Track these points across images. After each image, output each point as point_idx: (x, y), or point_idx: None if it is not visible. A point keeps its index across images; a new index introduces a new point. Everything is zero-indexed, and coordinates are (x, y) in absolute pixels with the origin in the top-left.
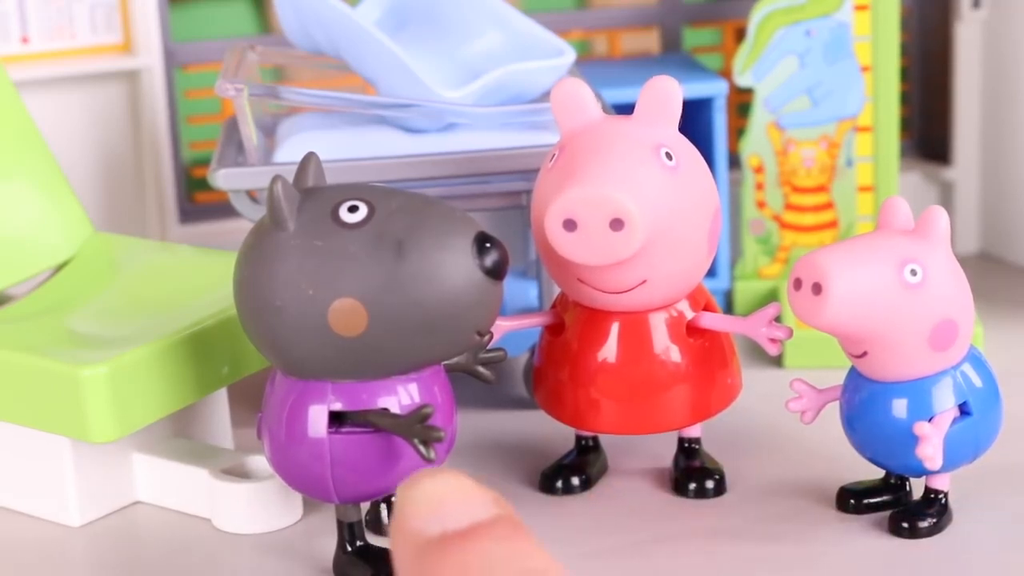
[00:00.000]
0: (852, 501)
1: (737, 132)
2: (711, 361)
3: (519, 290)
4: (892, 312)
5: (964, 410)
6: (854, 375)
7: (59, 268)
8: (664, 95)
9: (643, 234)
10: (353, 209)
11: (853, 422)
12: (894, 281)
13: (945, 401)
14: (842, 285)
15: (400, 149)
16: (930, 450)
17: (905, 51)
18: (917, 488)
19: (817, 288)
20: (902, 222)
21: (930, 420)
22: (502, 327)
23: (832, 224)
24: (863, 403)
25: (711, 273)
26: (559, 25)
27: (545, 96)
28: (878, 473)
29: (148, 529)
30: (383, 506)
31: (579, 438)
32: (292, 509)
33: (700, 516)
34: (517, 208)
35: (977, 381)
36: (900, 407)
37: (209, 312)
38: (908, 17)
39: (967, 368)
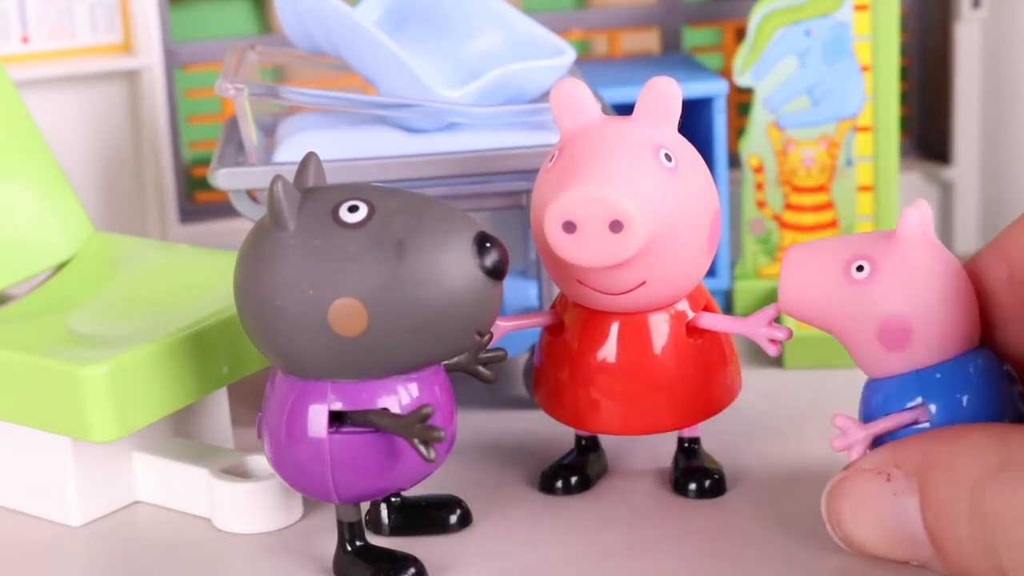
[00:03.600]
0: None
1: (737, 132)
2: (711, 361)
3: (519, 290)
4: (836, 306)
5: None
6: None
7: (59, 268)
8: (664, 96)
9: (643, 236)
10: (353, 209)
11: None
12: (839, 275)
13: (892, 404)
14: (789, 273)
15: (400, 149)
16: (839, 444)
17: (905, 51)
18: None
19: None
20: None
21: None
22: (502, 327)
23: (832, 224)
24: (861, 396)
25: (711, 273)
26: (559, 25)
27: (545, 96)
28: None
29: (148, 529)
30: (383, 506)
31: (579, 438)
32: (292, 509)
33: (700, 516)
34: (517, 208)
35: (947, 389)
36: (863, 403)
37: (209, 312)
38: (908, 17)
39: (938, 373)
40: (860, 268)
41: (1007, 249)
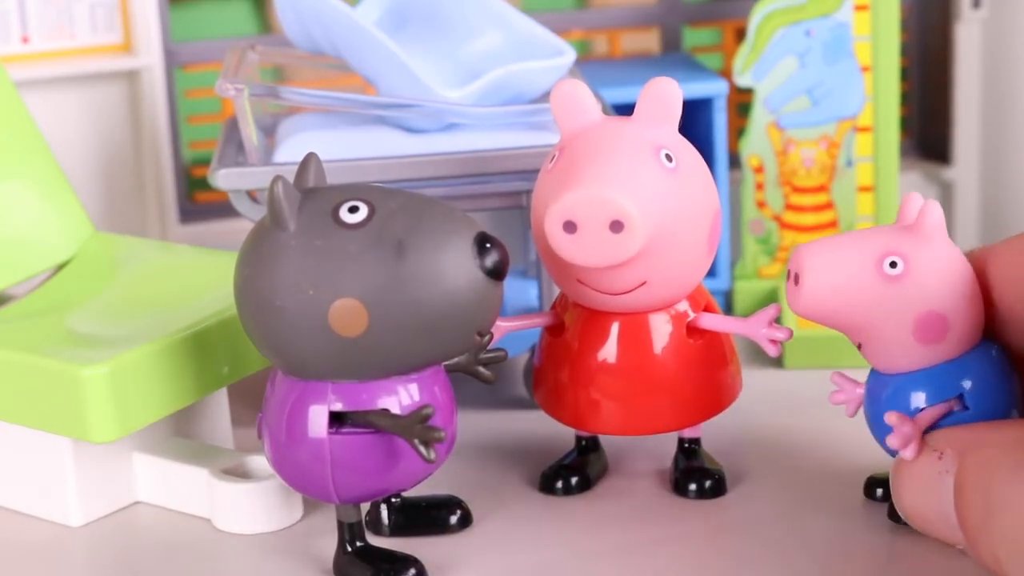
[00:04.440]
0: (880, 490)
1: (737, 132)
2: (711, 361)
3: (519, 290)
4: (871, 304)
5: (964, 405)
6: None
7: (59, 268)
8: (664, 96)
9: (643, 236)
10: (353, 209)
11: (865, 410)
12: (871, 272)
13: (934, 395)
14: (816, 275)
15: (400, 149)
16: (896, 441)
17: (905, 51)
18: None
19: (796, 278)
20: (908, 217)
21: (917, 413)
22: (502, 327)
23: (832, 224)
24: (868, 392)
25: (711, 273)
26: (559, 25)
27: (545, 96)
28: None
29: (148, 529)
30: (383, 506)
31: (579, 438)
32: (292, 509)
33: (700, 516)
34: (517, 208)
35: (978, 377)
36: (889, 398)
37: (209, 312)
38: (908, 17)
39: (968, 363)
40: (893, 264)
41: (990, 266)
